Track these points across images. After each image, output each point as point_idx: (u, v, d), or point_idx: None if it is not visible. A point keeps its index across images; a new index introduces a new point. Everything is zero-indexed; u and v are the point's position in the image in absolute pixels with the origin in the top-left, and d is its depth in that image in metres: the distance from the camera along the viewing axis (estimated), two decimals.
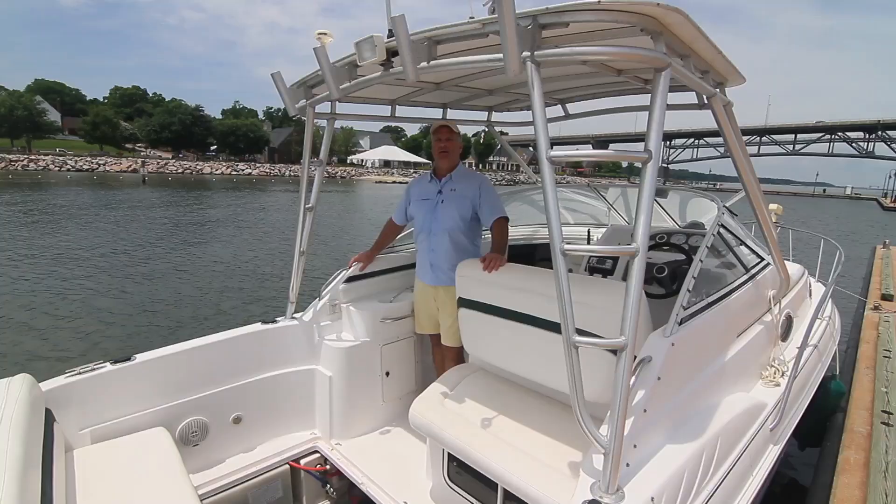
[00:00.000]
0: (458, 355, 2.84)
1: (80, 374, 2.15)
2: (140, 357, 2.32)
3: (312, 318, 2.83)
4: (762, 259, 2.77)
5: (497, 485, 2.02)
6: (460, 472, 2.22)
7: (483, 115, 3.61)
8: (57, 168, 46.96)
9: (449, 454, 2.23)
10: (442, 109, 3.30)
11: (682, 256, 3.04)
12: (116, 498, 1.71)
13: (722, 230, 2.48)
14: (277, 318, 2.80)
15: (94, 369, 2.19)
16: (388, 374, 2.89)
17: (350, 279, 2.93)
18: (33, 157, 48.85)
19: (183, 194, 30.14)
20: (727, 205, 2.80)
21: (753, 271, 2.59)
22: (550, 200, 1.32)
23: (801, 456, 3.59)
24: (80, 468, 1.86)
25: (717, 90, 1.96)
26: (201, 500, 1.82)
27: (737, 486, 1.81)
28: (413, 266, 2.99)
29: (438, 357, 2.97)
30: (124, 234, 14.72)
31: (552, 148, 1.34)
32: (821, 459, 3.10)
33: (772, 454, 2.13)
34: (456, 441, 2.00)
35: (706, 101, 1.99)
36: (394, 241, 3.20)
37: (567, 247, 1.32)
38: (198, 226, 17.60)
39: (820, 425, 3.42)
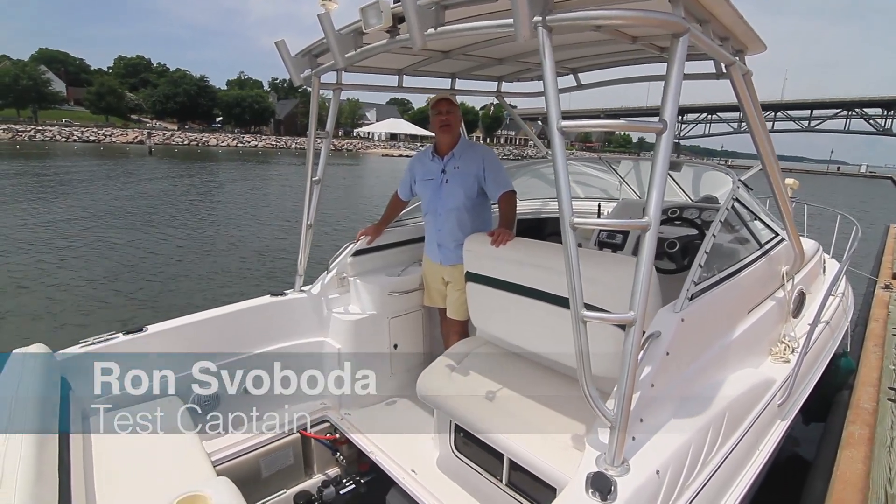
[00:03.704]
0: (463, 329, 2.85)
1: (93, 343, 2.19)
2: (152, 328, 2.35)
3: (321, 290, 2.84)
4: (776, 234, 2.73)
5: (503, 455, 2.05)
6: (467, 442, 2.25)
7: (492, 86, 3.52)
8: (64, 139, 46.88)
9: (456, 425, 2.27)
10: (450, 79, 3.22)
11: (694, 231, 2.99)
12: (133, 464, 1.75)
13: (736, 204, 2.44)
14: (286, 291, 2.82)
15: (107, 339, 2.22)
16: (395, 346, 2.91)
17: (357, 252, 2.93)
18: (40, 128, 48.66)
19: (189, 166, 30.09)
20: (742, 179, 2.74)
21: (767, 246, 2.55)
22: (560, 172, 1.29)
23: (805, 431, 3.62)
24: (97, 435, 1.90)
25: (737, 58, 1.89)
26: (214, 467, 1.87)
27: (742, 460, 1.83)
28: (421, 240, 2.97)
29: (446, 330, 2.99)
30: (132, 206, 14.80)
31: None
32: (825, 434, 3.13)
33: (778, 430, 2.14)
34: (463, 412, 2.03)
35: (724, 70, 1.92)
36: (401, 215, 3.18)
37: (577, 220, 1.29)
38: (205, 199, 17.65)
39: (826, 401, 3.44)
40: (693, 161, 3.87)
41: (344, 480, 2.45)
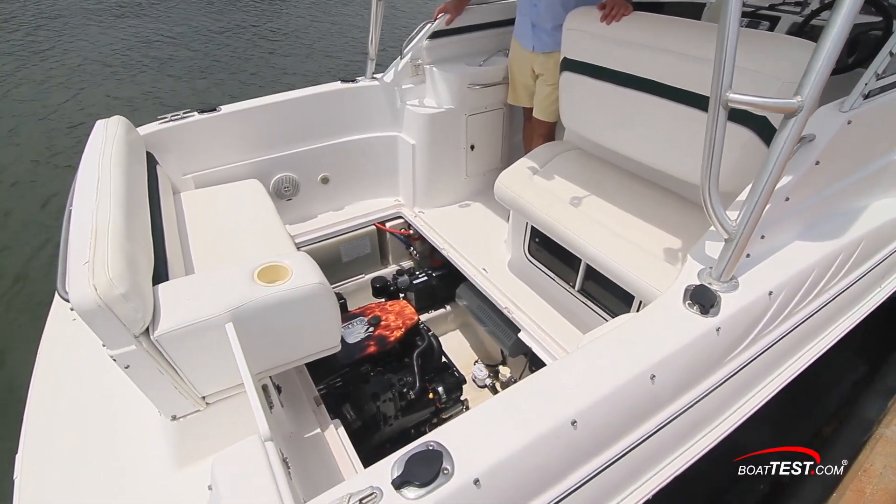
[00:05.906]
0: (550, 133, 2.55)
1: (171, 121, 2.17)
2: (225, 108, 2.28)
3: (394, 79, 2.57)
4: None
5: (579, 262, 1.96)
6: (541, 248, 2.18)
7: None
8: None
9: (532, 229, 2.17)
10: None
11: (875, 18, 2.25)
12: (218, 236, 1.83)
13: None
14: (357, 78, 2.58)
15: (183, 117, 2.20)
16: (472, 147, 2.71)
17: (435, 35, 2.53)
18: None
19: None
20: None
21: None
22: None
23: None
24: (188, 208, 1.99)
25: None
26: (297, 248, 1.94)
27: (861, 294, 1.61)
28: (511, 22, 2.49)
29: (529, 134, 2.70)
30: None
31: None
32: None
33: None
34: (542, 215, 1.89)
35: None
36: None
37: None
38: None
39: None
40: None
41: (417, 272, 2.55)
